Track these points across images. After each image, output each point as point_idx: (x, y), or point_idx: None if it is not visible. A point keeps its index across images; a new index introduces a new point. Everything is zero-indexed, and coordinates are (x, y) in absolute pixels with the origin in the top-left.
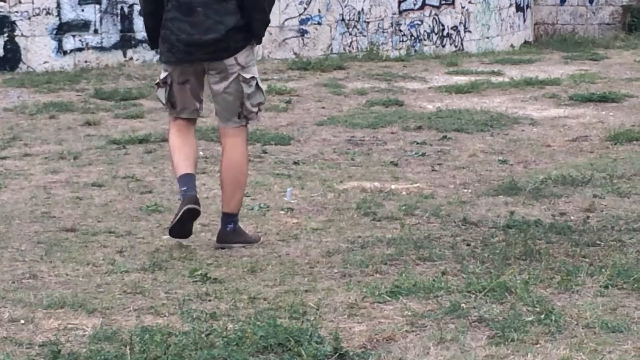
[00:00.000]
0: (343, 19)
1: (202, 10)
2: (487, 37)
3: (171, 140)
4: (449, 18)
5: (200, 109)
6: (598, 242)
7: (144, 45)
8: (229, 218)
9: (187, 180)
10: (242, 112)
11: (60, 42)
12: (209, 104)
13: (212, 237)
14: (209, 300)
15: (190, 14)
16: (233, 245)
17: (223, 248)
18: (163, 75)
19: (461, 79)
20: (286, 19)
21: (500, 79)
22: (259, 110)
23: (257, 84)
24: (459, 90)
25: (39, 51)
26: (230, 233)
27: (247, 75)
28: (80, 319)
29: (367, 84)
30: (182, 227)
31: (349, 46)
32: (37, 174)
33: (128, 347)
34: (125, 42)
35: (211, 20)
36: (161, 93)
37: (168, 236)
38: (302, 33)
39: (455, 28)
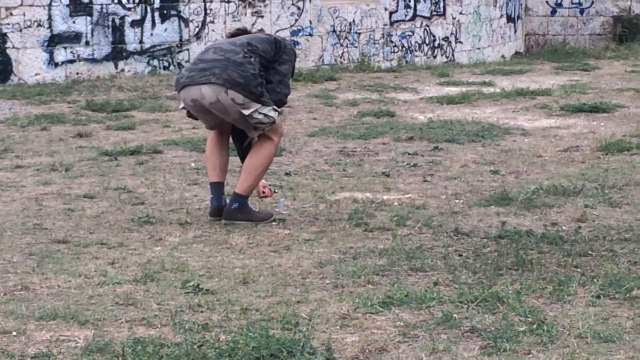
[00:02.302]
0: (334, 30)
1: (213, 50)
2: (478, 48)
3: (206, 149)
4: (440, 29)
5: (222, 123)
6: (590, 252)
7: (135, 57)
8: (235, 197)
9: (213, 189)
10: (253, 126)
11: (51, 54)
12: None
13: (204, 248)
14: (201, 312)
15: (204, 54)
16: (234, 222)
17: (226, 224)
18: (181, 104)
19: (452, 90)
20: (277, 30)
21: (491, 89)
22: (269, 122)
23: (259, 112)
24: (450, 100)
25: (30, 63)
26: (233, 211)
27: (247, 112)
28: (72, 330)
29: (358, 95)
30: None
31: (340, 57)
32: (29, 185)
33: (120, 359)
34: (117, 53)
35: (217, 55)
36: (184, 112)
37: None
38: (294, 44)
39: (446, 39)
